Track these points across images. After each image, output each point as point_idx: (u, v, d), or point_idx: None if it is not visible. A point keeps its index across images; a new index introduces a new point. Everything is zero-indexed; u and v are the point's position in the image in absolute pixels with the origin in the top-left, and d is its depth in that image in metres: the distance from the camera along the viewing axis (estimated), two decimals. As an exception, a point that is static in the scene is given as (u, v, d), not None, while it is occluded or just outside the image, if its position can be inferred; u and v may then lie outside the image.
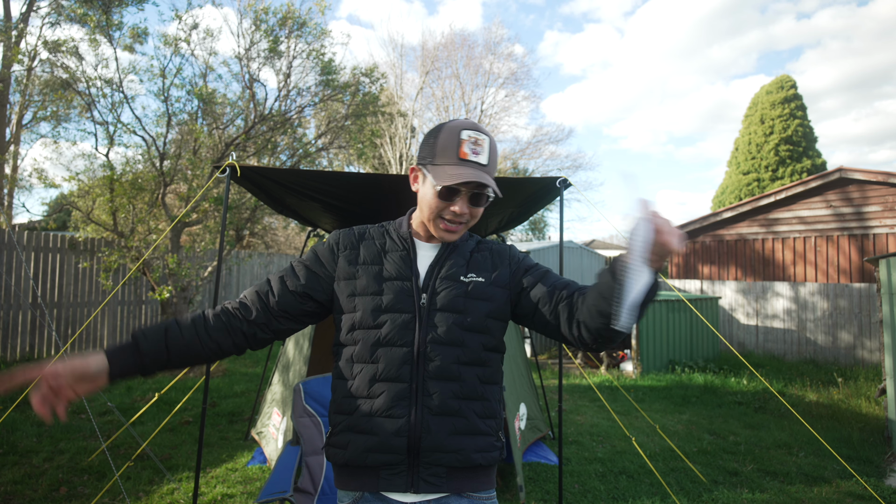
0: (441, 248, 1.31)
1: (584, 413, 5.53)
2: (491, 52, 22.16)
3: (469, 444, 1.21)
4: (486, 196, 1.25)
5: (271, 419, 3.93)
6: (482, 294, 1.28)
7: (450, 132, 1.22)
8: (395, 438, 1.18)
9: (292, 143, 8.12)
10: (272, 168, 3.22)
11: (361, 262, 1.29)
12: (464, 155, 1.20)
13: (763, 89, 18.52)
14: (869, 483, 3.64)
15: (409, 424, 1.18)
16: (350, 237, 1.34)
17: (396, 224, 1.36)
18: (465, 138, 1.21)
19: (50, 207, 11.47)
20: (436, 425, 1.19)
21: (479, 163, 1.21)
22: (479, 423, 1.24)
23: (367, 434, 1.19)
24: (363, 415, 1.20)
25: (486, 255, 1.36)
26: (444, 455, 1.19)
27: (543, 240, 24.13)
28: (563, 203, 3.40)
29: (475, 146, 1.21)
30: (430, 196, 1.23)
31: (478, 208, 1.27)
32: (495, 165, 1.28)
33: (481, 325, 1.26)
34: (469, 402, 1.23)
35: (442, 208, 1.23)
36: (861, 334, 8.20)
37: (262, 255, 11.60)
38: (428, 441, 1.18)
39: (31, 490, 3.30)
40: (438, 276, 1.27)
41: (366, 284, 1.26)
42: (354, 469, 1.22)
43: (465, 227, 1.28)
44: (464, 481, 1.22)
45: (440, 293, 1.25)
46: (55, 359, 1.23)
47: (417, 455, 1.19)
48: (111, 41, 6.41)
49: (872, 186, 9.21)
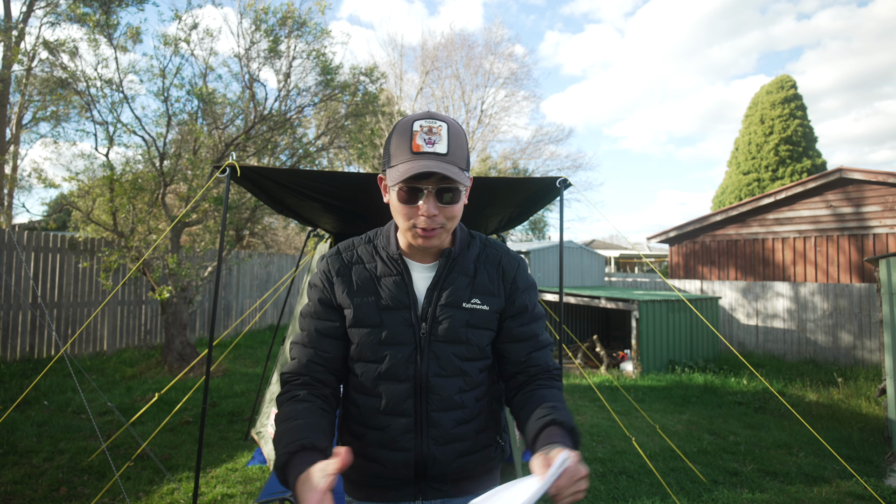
0: (439, 267, 1.20)
1: (584, 413, 5.53)
2: (491, 53, 22.18)
3: (473, 461, 1.24)
4: (456, 190, 1.10)
5: (270, 419, 3.92)
6: (484, 323, 1.22)
7: (402, 127, 1.10)
8: (402, 469, 1.19)
9: (292, 143, 8.11)
10: (272, 168, 3.21)
11: (356, 290, 1.20)
12: (417, 147, 1.07)
13: (763, 89, 18.53)
14: (869, 483, 3.64)
15: (415, 456, 1.18)
16: (339, 262, 1.23)
17: (384, 239, 1.24)
18: (418, 129, 1.08)
19: (50, 207, 11.47)
20: (442, 454, 1.19)
21: (436, 153, 1.07)
22: (480, 438, 1.24)
23: (374, 462, 1.20)
24: (369, 444, 1.20)
25: (492, 270, 1.25)
26: (449, 474, 1.22)
27: (543, 240, 24.13)
28: (563, 203, 3.40)
29: (429, 135, 1.08)
30: (395, 202, 1.11)
31: (451, 206, 1.11)
32: (463, 153, 1.12)
33: (481, 353, 1.23)
34: (471, 423, 1.23)
35: (410, 213, 1.10)
36: (861, 334, 8.20)
37: (262, 255, 11.60)
38: (434, 468, 1.20)
39: (31, 490, 3.30)
40: (438, 303, 1.19)
41: (363, 316, 1.18)
42: (362, 484, 1.25)
43: (444, 230, 1.13)
44: (470, 484, 1.25)
45: (441, 322, 1.18)
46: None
47: (424, 478, 1.21)
48: (111, 41, 6.40)
49: (872, 186, 9.21)
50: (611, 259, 27.23)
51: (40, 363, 6.57)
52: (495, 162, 23.04)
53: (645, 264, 25.37)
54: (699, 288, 10.16)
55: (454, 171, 1.07)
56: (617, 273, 21.12)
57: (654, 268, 7.46)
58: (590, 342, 8.73)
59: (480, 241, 1.29)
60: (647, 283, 12.84)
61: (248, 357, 8.19)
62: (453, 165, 1.08)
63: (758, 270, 10.60)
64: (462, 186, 1.11)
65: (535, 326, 1.27)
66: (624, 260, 28.74)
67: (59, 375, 6.01)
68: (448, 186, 1.09)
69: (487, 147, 23.01)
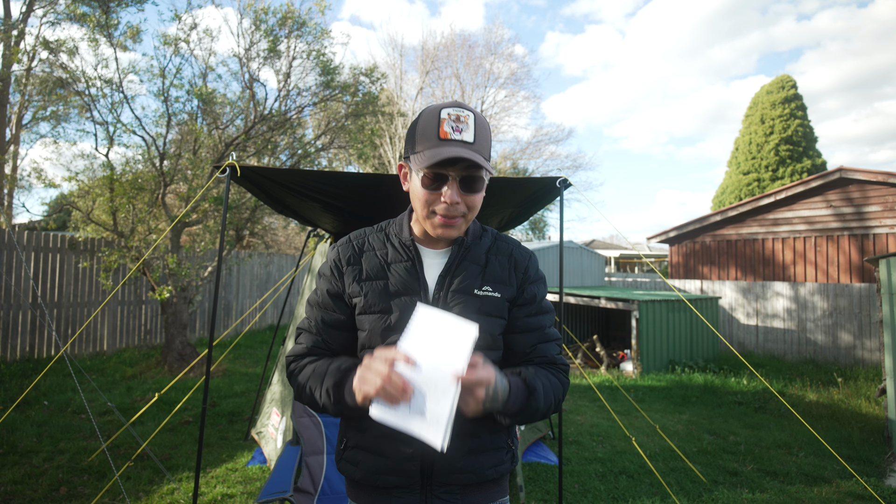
0: (452, 254, 1.20)
1: (584, 413, 5.52)
2: (492, 53, 22.18)
3: (483, 462, 1.18)
4: (480, 179, 1.12)
5: (270, 419, 3.92)
6: (496, 311, 1.19)
7: (429, 114, 1.11)
8: (408, 462, 1.14)
9: (292, 143, 8.11)
10: (272, 168, 3.21)
11: (365, 277, 1.20)
12: (444, 134, 1.08)
13: (763, 89, 18.52)
14: (869, 483, 3.65)
15: (422, 448, 1.11)
16: (350, 250, 1.24)
17: (397, 227, 1.26)
18: (445, 117, 1.09)
19: (50, 207, 11.46)
20: (449, 448, 1.15)
21: (463, 140, 1.09)
22: (491, 439, 1.20)
23: (379, 455, 1.16)
24: (375, 436, 1.16)
25: (503, 260, 1.25)
26: (458, 475, 1.16)
27: (543, 240, 24.13)
28: (563, 203, 3.40)
29: (457, 123, 1.09)
30: (417, 188, 1.12)
31: (473, 195, 1.12)
32: (487, 145, 1.14)
33: (493, 343, 1.19)
34: (482, 420, 1.16)
35: (431, 200, 1.11)
36: (861, 334, 8.19)
37: (262, 255, 11.59)
38: (442, 464, 1.14)
39: (31, 490, 3.30)
40: (450, 289, 1.18)
41: (372, 302, 1.17)
42: (366, 487, 1.20)
43: (464, 220, 1.14)
44: (479, 495, 1.20)
45: (452, 308, 1.16)
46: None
47: (430, 477, 1.15)
48: (111, 41, 6.40)
49: (872, 186, 9.21)
50: (611, 259, 27.23)
51: (40, 363, 6.57)
52: (495, 162, 23.03)
53: (645, 264, 25.35)
54: (699, 288, 10.15)
55: (480, 159, 1.08)
56: (617, 273, 21.11)
57: (654, 268, 7.46)
58: (590, 342, 8.73)
59: (492, 234, 1.30)
60: (647, 283, 12.83)
61: (248, 357, 8.19)
62: (479, 154, 1.10)
63: (758, 270, 10.60)
64: (486, 175, 1.13)
65: (542, 318, 1.25)
66: (624, 260, 28.74)
67: (59, 375, 6.01)
68: (473, 175, 1.10)
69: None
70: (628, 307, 7.58)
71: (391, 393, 0.93)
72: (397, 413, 0.96)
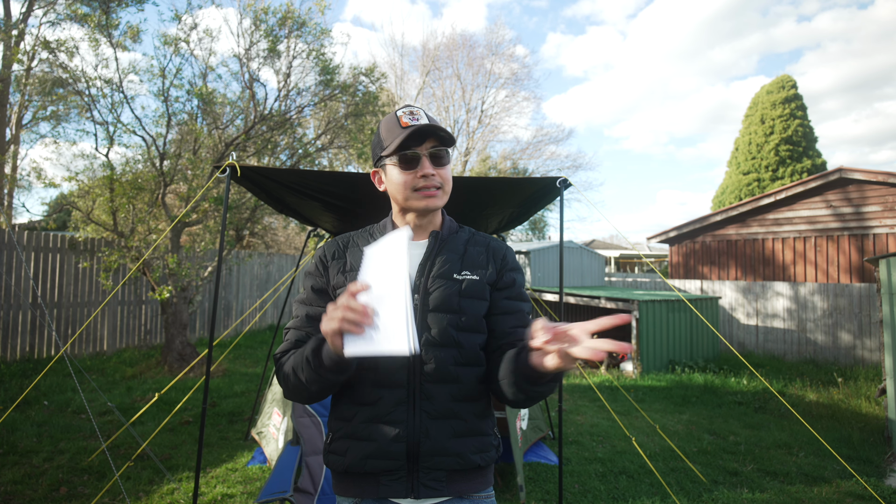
0: (430, 244, 1.28)
1: (584, 413, 5.52)
2: (493, 53, 22.19)
3: (469, 446, 1.20)
4: (446, 153, 1.27)
5: (271, 419, 3.92)
6: (477, 293, 1.24)
7: (387, 118, 1.27)
8: (394, 444, 1.16)
9: (292, 142, 8.11)
10: (272, 168, 3.21)
11: (349, 269, 1.27)
12: (405, 124, 1.22)
13: (763, 89, 18.52)
14: (869, 483, 3.65)
15: (407, 430, 1.16)
16: (335, 247, 1.33)
17: (381, 226, 1.35)
18: (401, 114, 1.25)
19: (50, 207, 11.47)
20: (435, 429, 1.17)
21: (421, 123, 1.22)
22: (477, 423, 1.22)
23: (366, 440, 1.18)
24: (362, 421, 1.18)
25: (480, 249, 1.33)
26: (443, 459, 1.17)
27: (543, 240, 24.13)
28: (563, 203, 3.40)
29: (412, 115, 1.24)
30: (395, 176, 1.24)
31: (443, 168, 1.26)
32: (443, 126, 1.30)
33: (477, 325, 1.23)
34: (468, 403, 1.21)
35: (410, 180, 1.23)
36: (861, 334, 8.19)
37: (262, 255, 11.59)
38: (427, 445, 1.16)
39: (31, 490, 3.30)
40: (430, 274, 1.24)
41: None
42: (354, 476, 1.21)
43: (442, 191, 1.26)
44: (463, 483, 1.21)
45: (433, 293, 1.22)
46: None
47: (416, 460, 1.17)
48: (111, 41, 6.40)
49: (872, 186, 9.21)
50: (611, 259, 27.22)
51: (40, 363, 6.57)
52: (495, 162, 23.02)
53: (645, 264, 25.35)
54: (699, 288, 10.15)
55: (442, 130, 1.22)
56: (617, 273, 21.11)
57: (654, 268, 7.46)
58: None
59: (469, 230, 1.39)
60: (647, 283, 12.83)
61: (248, 357, 8.19)
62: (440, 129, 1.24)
63: (758, 270, 10.60)
64: (452, 149, 1.26)
65: (521, 304, 1.30)
66: (624, 260, 28.73)
67: (59, 375, 6.01)
68: (440, 151, 1.24)
69: (487, 147, 23.00)
70: (628, 307, 7.58)
71: (354, 319, 0.94)
72: (366, 340, 0.96)
